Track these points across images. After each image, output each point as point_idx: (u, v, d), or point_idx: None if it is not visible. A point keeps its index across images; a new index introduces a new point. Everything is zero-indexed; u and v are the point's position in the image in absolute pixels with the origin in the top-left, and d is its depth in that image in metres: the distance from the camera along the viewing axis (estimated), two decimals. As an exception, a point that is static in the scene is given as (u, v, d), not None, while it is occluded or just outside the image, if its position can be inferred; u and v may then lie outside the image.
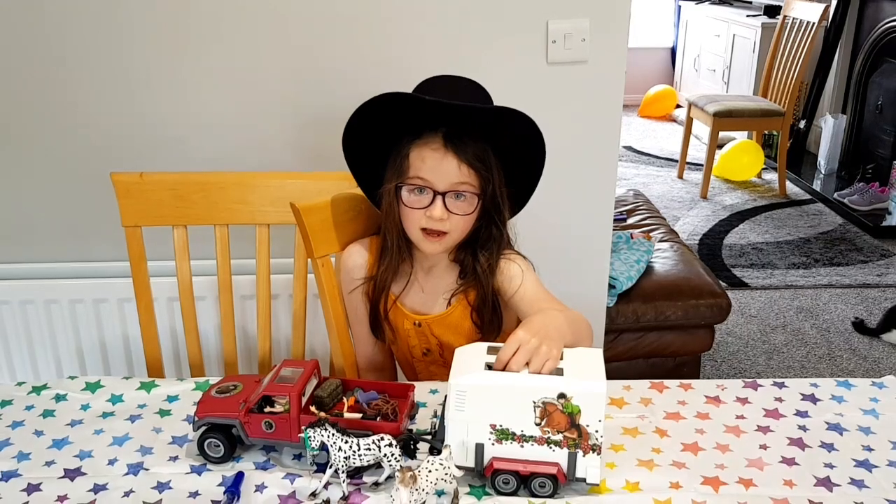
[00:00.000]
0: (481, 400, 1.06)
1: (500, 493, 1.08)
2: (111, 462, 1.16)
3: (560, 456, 1.06)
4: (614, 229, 2.41)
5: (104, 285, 1.95)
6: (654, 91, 6.40)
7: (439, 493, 1.07)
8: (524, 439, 1.06)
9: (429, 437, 1.15)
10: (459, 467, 1.07)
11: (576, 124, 1.93)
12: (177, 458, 1.17)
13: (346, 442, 1.07)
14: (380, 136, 1.32)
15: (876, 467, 1.14)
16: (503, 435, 1.07)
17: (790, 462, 1.15)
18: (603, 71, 1.89)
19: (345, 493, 1.07)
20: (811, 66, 4.79)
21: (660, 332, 2.43)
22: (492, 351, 1.12)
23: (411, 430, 1.18)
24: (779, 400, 1.30)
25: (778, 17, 4.80)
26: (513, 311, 1.40)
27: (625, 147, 5.54)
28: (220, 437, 1.14)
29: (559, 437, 1.06)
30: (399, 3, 1.81)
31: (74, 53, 1.82)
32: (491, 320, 1.41)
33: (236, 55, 1.84)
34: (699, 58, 6.14)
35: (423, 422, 1.22)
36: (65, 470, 1.15)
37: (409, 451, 1.14)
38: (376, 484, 1.09)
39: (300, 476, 1.12)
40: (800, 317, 3.24)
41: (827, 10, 4.44)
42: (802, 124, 5.11)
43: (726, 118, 4.45)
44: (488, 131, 1.29)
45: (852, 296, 3.41)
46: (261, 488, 1.10)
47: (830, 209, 4.39)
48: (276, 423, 1.13)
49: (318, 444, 1.07)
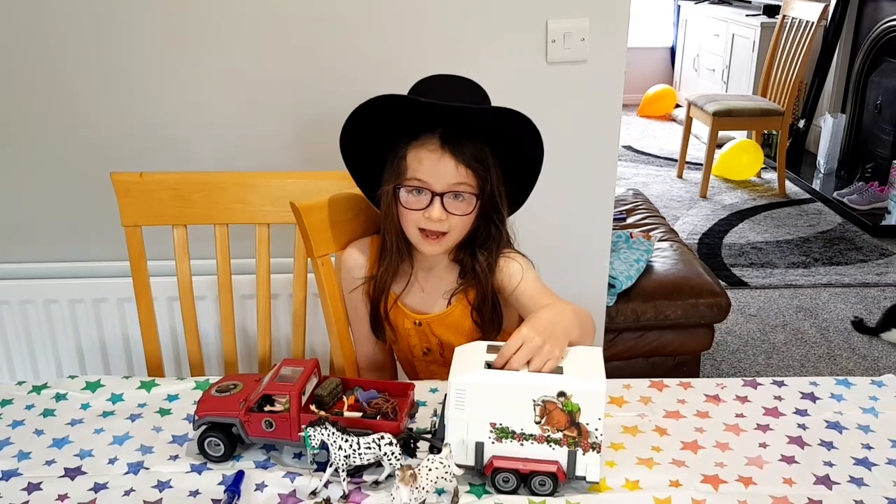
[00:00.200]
0: (481, 398, 1.06)
1: (499, 492, 1.08)
2: (111, 461, 1.16)
3: (560, 454, 1.07)
4: (614, 229, 2.41)
5: (104, 285, 1.95)
6: (653, 91, 6.40)
7: (439, 492, 1.07)
8: (524, 438, 1.07)
9: (429, 436, 1.15)
10: (459, 466, 1.07)
11: (575, 124, 1.93)
12: (177, 457, 1.17)
13: (347, 441, 1.07)
14: (377, 138, 1.32)
15: (875, 465, 1.14)
16: (503, 433, 1.07)
17: (790, 460, 1.15)
18: (602, 70, 1.89)
19: (345, 492, 1.07)
20: (810, 66, 4.80)
21: (659, 332, 2.43)
22: (492, 350, 1.12)
23: (411, 429, 1.18)
24: (778, 398, 1.30)
25: (777, 16, 4.80)
26: (513, 309, 1.40)
27: (624, 146, 5.54)
28: (221, 436, 1.15)
29: (559, 435, 1.06)
30: (399, 3, 1.81)
31: (74, 53, 1.82)
32: (491, 319, 1.41)
33: (236, 55, 1.84)
34: (698, 57, 6.14)
35: (423, 420, 1.22)
36: (65, 469, 1.15)
37: (409, 450, 1.15)
38: (376, 483, 1.10)
39: (300, 475, 1.12)
40: (799, 316, 3.24)
41: (826, 9, 4.44)
42: (802, 124, 5.11)
43: (726, 118, 4.45)
44: (485, 131, 1.29)
45: (851, 295, 3.42)
46: (261, 487, 1.10)
47: (830, 208, 4.39)
48: (276, 422, 1.13)
49: (319, 443, 1.07)
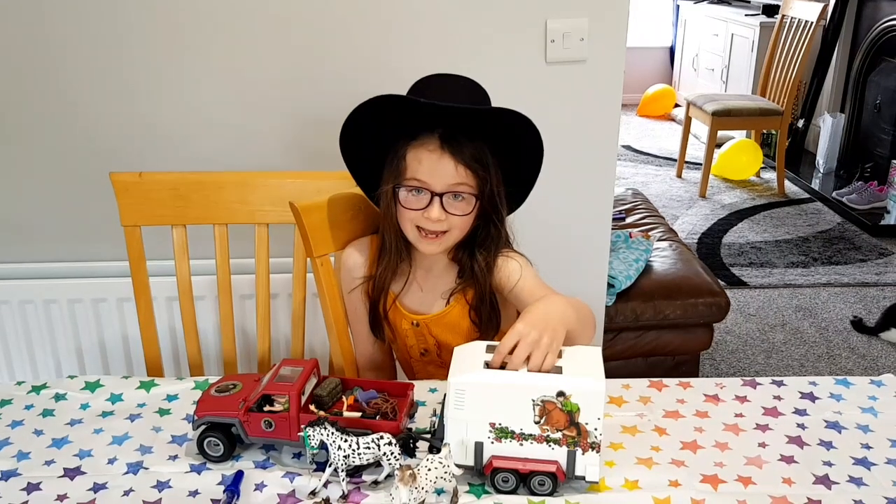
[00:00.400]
0: (480, 398, 1.06)
1: (499, 492, 1.08)
2: (111, 461, 1.16)
3: (559, 454, 1.07)
4: (613, 228, 2.42)
5: (103, 285, 1.95)
6: (652, 90, 6.41)
7: (439, 492, 1.07)
8: (523, 437, 1.07)
9: (428, 436, 1.15)
10: (459, 466, 1.07)
11: (574, 123, 1.93)
12: (176, 457, 1.17)
13: (346, 441, 1.07)
14: (377, 138, 1.31)
15: (874, 465, 1.14)
16: (502, 433, 1.07)
17: (789, 460, 1.15)
18: (602, 70, 1.89)
19: (344, 492, 1.07)
20: (810, 66, 4.80)
21: (659, 331, 2.43)
22: (491, 350, 1.12)
23: (411, 429, 1.18)
24: (777, 398, 1.30)
25: (776, 16, 4.80)
26: (512, 308, 1.40)
27: (623, 146, 5.54)
28: (220, 435, 1.14)
29: (558, 435, 1.06)
30: (398, 3, 1.81)
31: (74, 54, 1.82)
32: (489, 319, 1.40)
33: (236, 55, 1.84)
34: (698, 57, 6.14)
35: (422, 420, 1.23)
36: (64, 469, 1.15)
37: (408, 450, 1.15)
38: (376, 482, 1.10)
39: (300, 475, 1.12)
40: (798, 315, 3.24)
41: (825, 9, 4.44)
42: (801, 123, 5.12)
43: (725, 117, 4.46)
44: (485, 131, 1.29)
45: (851, 294, 3.42)
46: (260, 487, 1.10)
47: (829, 208, 4.39)
48: (275, 422, 1.13)
49: (318, 443, 1.07)
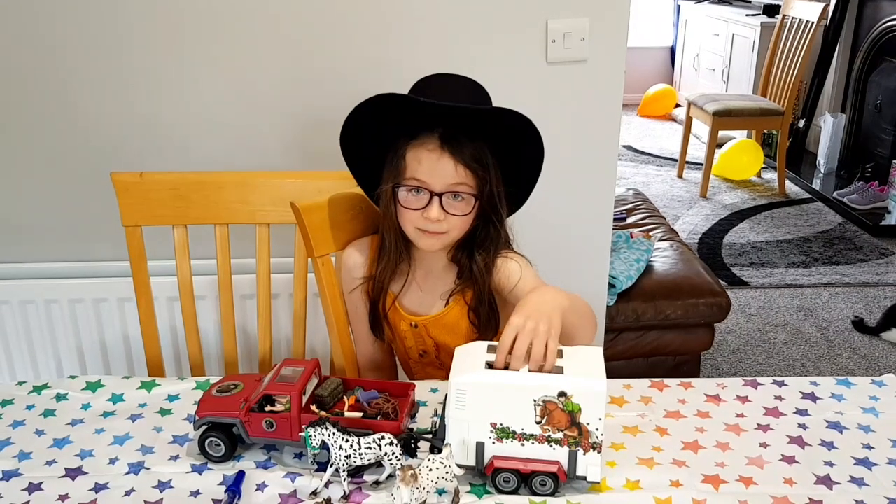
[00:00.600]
0: (482, 398, 1.06)
1: (500, 492, 1.08)
2: (112, 461, 1.16)
3: (560, 454, 1.06)
4: (614, 228, 2.41)
5: (104, 285, 1.95)
6: (653, 90, 6.40)
7: (440, 492, 1.07)
8: (525, 438, 1.06)
9: (429, 436, 1.15)
10: (460, 466, 1.07)
11: (575, 124, 1.93)
12: (178, 457, 1.17)
13: (347, 441, 1.07)
14: (377, 137, 1.31)
15: (876, 465, 1.14)
16: (504, 433, 1.07)
17: (790, 460, 1.15)
18: (602, 70, 1.89)
19: (346, 492, 1.07)
20: (810, 66, 4.80)
21: (660, 331, 2.43)
22: (492, 350, 1.12)
23: (412, 429, 1.18)
24: (779, 398, 1.30)
25: (777, 16, 4.80)
26: (511, 308, 1.39)
27: (624, 146, 5.54)
28: (221, 436, 1.14)
29: (560, 435, 1.06)
30: (398, 2, 1.81)
31: (74, 54, 1.82)
32: (488, 319, 1.40)
33: (236, 56, 1.84)
34: (698, 57, 6.14)
35: (423, 421, 1.23)
36: (66, 469, 1.15)
37: (409, 450, 1.14)
38: (377, 483, 1.10)
39: (301, 475, 1.12)
40: (799, 316, 3.24)
41: (826, 9, 4.44)
42: (802, 123, 5.11)
43: (726, 117, 4.46)
44: (485, 131, 1.28)
45: (852, 294, 3.42)
46: (262, 487, 1.10)
47: (830, 208, 4.39)
48: (276, 422, 1.13)
49: (319, 443, 1.07)
